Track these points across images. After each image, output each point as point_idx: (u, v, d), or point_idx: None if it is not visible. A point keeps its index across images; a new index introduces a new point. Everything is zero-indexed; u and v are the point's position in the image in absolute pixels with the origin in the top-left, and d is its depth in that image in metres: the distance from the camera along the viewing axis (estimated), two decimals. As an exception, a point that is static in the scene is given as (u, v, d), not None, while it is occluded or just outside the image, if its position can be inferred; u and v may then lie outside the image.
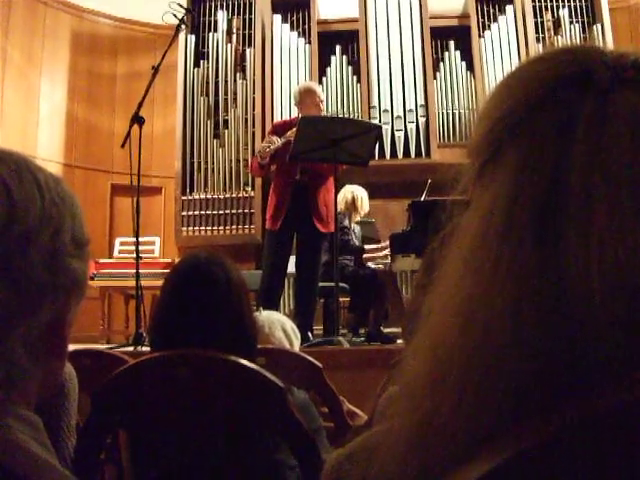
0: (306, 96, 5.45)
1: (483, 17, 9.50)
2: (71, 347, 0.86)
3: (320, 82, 9.09)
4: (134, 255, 5.30)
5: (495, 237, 0.52)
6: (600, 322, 0.47)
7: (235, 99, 9.28)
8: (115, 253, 7.95)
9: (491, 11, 9.52)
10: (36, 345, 0.75)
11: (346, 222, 6.06)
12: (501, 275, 0.50)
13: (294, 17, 9.55)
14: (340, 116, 8.63)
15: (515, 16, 9.34)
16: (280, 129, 5.36)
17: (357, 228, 6.39)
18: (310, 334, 5.12)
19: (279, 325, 2.61)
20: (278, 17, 9.48)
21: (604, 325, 0.47)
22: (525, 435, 0.45)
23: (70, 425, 1.65)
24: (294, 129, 4.97)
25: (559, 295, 0.48)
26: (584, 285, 0.48)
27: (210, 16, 9.59)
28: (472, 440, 0.48)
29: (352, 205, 6.22)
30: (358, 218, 6.38)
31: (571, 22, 9.22)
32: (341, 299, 5.49)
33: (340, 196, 6.20)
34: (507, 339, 0.49)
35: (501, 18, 9.41)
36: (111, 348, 4.28)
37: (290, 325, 2.68)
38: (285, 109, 9.00)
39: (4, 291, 0.71)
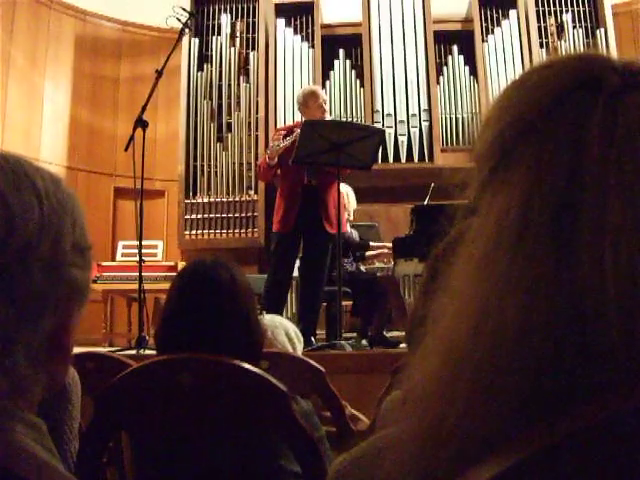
0: (309, 99, 5.46)
1: (486, 21, 9.50)
2: (74, 350, 0.86)
3: (323, 86, 9.10)
4: (137, 258, 5.31)
5: (509, 242, 0.52)
6: (613, 327, 0.47)
7: (238, 102, 9.28)
8: (118, 256, 7.96)
9: (494, 16, 9.52)
10: (39, 353, 0.75)
11: None
12: (514, 280, 0.50)
13: (298, 21, 9.56)
14: (343, 120, 8.63)
15: (519, 21, 9.34)
16: (283, 134, 5.36)
17: (355, 233, 6.36)
18: (313, 338, 5.12)
19: (282, 329, 2.61)
20: (282, 21, 9.49)
21: (617, 331, 0.47)
22: (533, 440, 0.45)
23: (73, 428, 1.65)
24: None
25: (572, 300, 0.48)
26: (598, 289, 0.47)
27: (214, 20, 9.60)
28: (481, 444, 0.48)
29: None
30: (346, 215, 6.28)
31: (574, 27, 9.21)
32: (343, 303, 5.48)
33: None
34: (518, 344, 0.49)
35: (504, 23, 9.41)
36: (113, 351, 4.28)
37: (293, 329, 2.68)
38: (289, 113, 9.01)
39: (4, 304, 0.70)
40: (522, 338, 0.49)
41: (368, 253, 6.29)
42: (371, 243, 6.33)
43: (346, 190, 6.19)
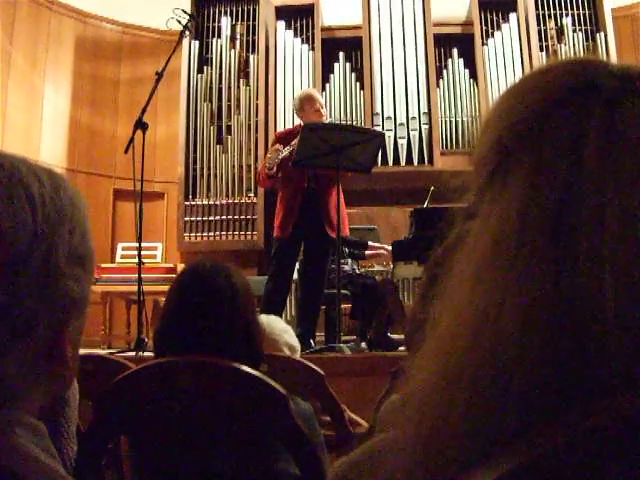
0: (305, 103, 5.45)
1: (486, 25, 9.51)
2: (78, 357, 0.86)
3: (323, 89, 9.11)
4: (136, 260, 5.31)
5: (507, 248, 0.52)
6: (612, 333, 0.47)
7: (238, 105, 9.29)
8: (117, 258, 7.96)
9: (494, 19, 9.53)
10: (34, 362, 0.74)
11: None
12: (512, 286, 0.50)
13: (298, 23, 9.57)
14: (343, 123, 8.63)
15: (518, 24, 9.34)
16: (283, 138, 5.36)
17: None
18: (312, 341, 5.12)
19: (280, 332, 2.60)
20: (282, 23, 9.49)
21: (616, 337, 0.47)
22: (533, 444, 0.45)
23: (70, 431, 1.65)
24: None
25: (571, 306, 0.48)
26: (596, 296, 0.48)
27: (214, 22, 9.61)
28: (479, 449, 0.49)
29: None
30: None
31: (574, 30, 9.22)
32: (342, 306, 5.47)
33: None
34: (516, 350, 0.49)
35: (504, 26, 9.42)
36: (112, 353, 4.28)
37: (291, 331, 2.68)
38: (288, 115, 9.00)
39: None
40: (520, 344, 0.49)
41: (367, 252, 6.29)
42: (369, 243, 6.32)
43: None
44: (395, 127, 8.94)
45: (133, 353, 4.63)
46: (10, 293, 0.70)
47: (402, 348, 5.01)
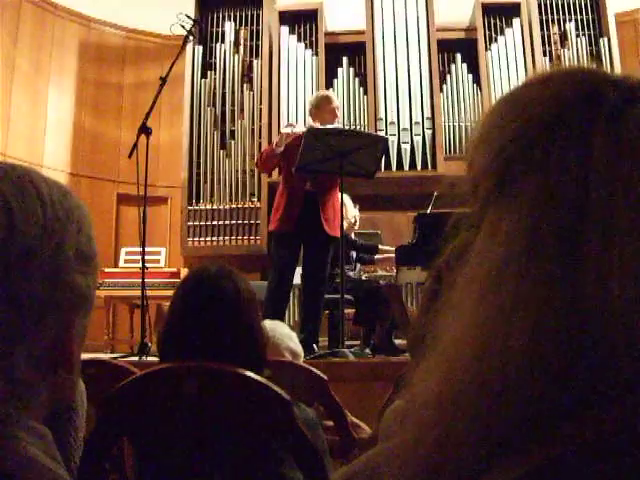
0: (322, 101, 5.46)
1: (490, 30, 9.51)
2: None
3: (327, 94, 9.12)
4: (139, 265, 5.30)
5: (517, 264, 0.51)
6: (621, 349, 0.47)
7: (242, 110, 9.30)
8: (121, 263, 7.97)
9: (498, 24, 9.53)
10: (41, 359, 0.75)
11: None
12: (521, 303, 0.50)
13: (301, 29, 9.57)
14: (347, 128, 8.63)
15: (522, 29, 9.34)
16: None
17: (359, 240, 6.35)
18: (315, 346, 5.11)
19: (283, 337, 2.60)
20: (285, 28, 9.50)
21: (625, 352, 0.47)
22: (539, 455, 0.45)
23: (78, 439, 1.65)
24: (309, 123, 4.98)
25: (580, 323, 0.48)
26: (605, 313, 0.47)
27: (218, 27, 9.62)
28: (484, 460, 0.49)
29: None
30: (345, 224, 6.25)
31: (577, 35, 9.22)
32: (345, 311, 5.46)
33: None
34: (524, 367, 0.49)
35: (508, 31, 9.41)
36: (116, 357, 4.28)
37: (294, 337, 2.68)
38: (292, 120, 9.00)
39: (5, 307, 0.71)
40: (528, 361, 0.48)
41: (377, 257, 6.28)
42: (380, 246, 6.31)
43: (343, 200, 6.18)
44: (398, 132, 8.93)
45: (136, 358, 4.63)
46: (21, 282, 0.72)
47: (407, 354, 5.00)
